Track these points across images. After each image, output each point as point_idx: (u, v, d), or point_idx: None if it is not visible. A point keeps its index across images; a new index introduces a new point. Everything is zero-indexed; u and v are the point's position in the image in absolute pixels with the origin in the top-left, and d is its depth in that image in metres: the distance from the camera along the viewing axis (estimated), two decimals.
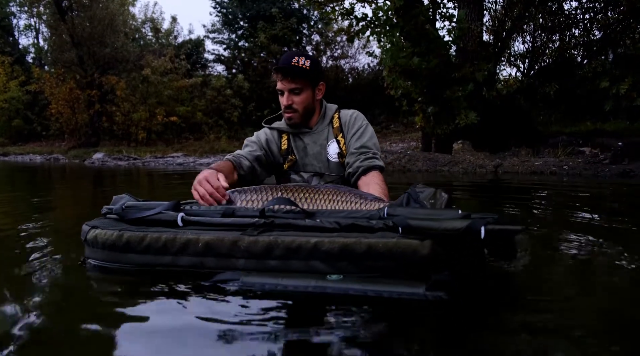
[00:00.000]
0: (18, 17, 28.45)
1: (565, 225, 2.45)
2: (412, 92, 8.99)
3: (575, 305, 1.27)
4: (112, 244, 1.41)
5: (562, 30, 10.94)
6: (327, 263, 1.28)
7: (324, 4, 9.84)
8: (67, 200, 4.23)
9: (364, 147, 2.05)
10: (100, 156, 14.28)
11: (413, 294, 1.17)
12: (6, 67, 23.70)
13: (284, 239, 1.31)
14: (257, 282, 1.27)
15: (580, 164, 7.07)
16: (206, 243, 1.34)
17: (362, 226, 1.35)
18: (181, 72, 20.28)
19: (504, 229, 1.24)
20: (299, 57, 1.98)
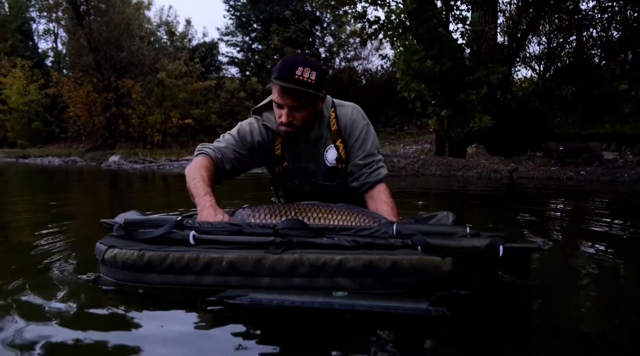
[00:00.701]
0: (37, 22, 29.20)
1: (582, 236, 2.40)
2: (426, 95, 8.93)
3: (589, 317, 1.25)
4: (132, 265, 1.40)
5: (579, 30, 10.76)
6: (352, 279, 1.30)
7: (337, 7, 9.84)
8: (83, 206, 4.29)
9: (368, 155, 1.96)
10: (116, 158, 14.49)
11: (417, 310, 1.19)
12: (26, 71, 24.27)
13: (309, 256, 1.31)
14: (265, 298, 1.27)
15: (599, 169, 6.93)
16: (230, 262, 1.34)
17: (381, 244, 1.37)
18: (195, 75, 20.47)
19: (521, 247, 1.30)
20: (303, 69, 1.71)
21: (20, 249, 2.08)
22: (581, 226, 2.82)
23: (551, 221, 3.12)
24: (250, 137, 1.94)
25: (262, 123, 1.95)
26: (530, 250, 1.35)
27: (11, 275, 1.64)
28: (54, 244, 2.11)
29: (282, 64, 1.75)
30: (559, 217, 3.40)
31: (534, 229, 2.63)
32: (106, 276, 1.50)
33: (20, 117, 24.50)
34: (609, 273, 1.76)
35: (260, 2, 20.92)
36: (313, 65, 1.75)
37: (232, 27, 22.77)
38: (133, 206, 2.14)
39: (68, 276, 1.62)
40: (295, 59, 1.75)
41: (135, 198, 5.13)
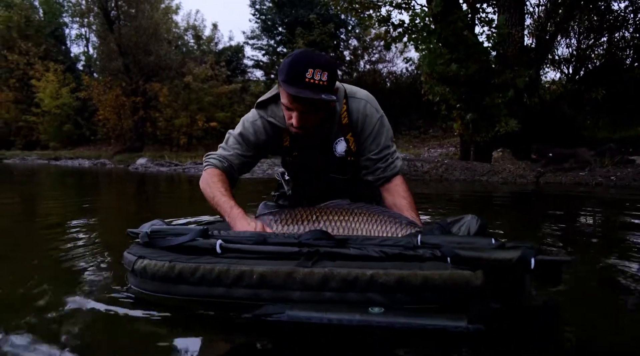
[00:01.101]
0: (70, 27, 30.17)
1: (609, 246, 2.35)
2: (450, 98, 8.84)
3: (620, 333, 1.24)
4: (163, 276, 1.41)
5: (610, 31, 10.47)
6: (384, 295, 1.29)
7: (361, 10, 9.85)
8: (110, 210, 4.42)
9: (382, 149, 1.92)
10: (144, 161, 14.82)
11: (456, 328, 1.18)
12: (58, 75, 25.06)
13: (340, 271, 1.31)
14: (302, 315, 1.25)
15: (630, 174, 6.73)
16: (261, 275, 1.34)
17: (410, 256, 1.37)
18: (221, 79, 20.79)
19: (553, 260, 1.30)
20: (313, 71, 1.58)
21: (51, 254, 2.14)
22: (609, 235, 2.76)
23: (577, 230, 3.06)
24: (254, 137, 1.88)
25: (267, 119, 1.86)
26: (562, 263, 1.33)
27: (39, 282, 1.68)
28: (82, 251, 2.17)
29: (289, 66, 1.61)
30: (585, 225, 3.33)
31: (558, 238, 2.60)
32: (135, 286, 1.52)
33: (53, 120, 25.30)
34: (636, 284, 1.73)
35: (286, 5, 21.10)
36: (324, 64, 1.62)
37: (258, 31, 23.03)
38: (159, 212, 2.20)
39: (97, 286, 1.64)
40: (304, 59, 1.61)
41: (162, 203, 5.25)
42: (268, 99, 1.85)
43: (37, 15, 28.59)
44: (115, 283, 1.65)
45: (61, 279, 1.74)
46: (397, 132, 16.65)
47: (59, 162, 18.31)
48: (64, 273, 1.83)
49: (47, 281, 1.70)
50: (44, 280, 1.72)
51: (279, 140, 1.90)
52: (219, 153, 1.92)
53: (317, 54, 1.65)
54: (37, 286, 1.64)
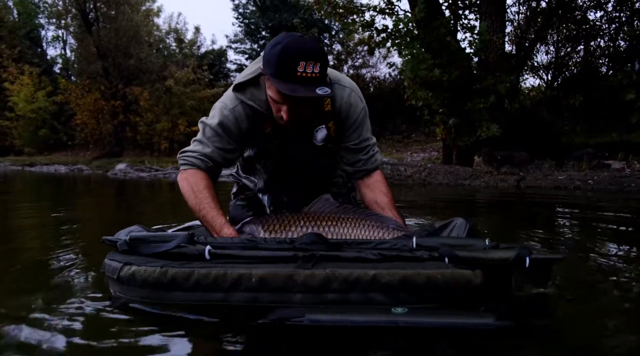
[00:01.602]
0: (46, 29, 29.51)
1: (591, 248, 2.38)
2: (433, 103, 8.94)
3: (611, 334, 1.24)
4: (154, 282, 1.34)
5: (586, 40, 10.76)
6: (387, 295, 1.29)
7: (345, 15, 9.89)
8: (89, 218, 4.31)
9: (363, 140, 1.87)
10: (123, 167, 14.54)
11: (484, 325, 1.18)
12: (34, 78, 24.42)
13: (342, 271, 1.29)
14: (324, 319, 1.21)
15: (606, 178, 6.89)
16: (260, 278, 1.30)
17: (408, 257, 1.37)
18: (204, 83, 20.62)
19: (546, 258, 1.37)
20: (306, 63, 1.46)
21: (27, 264, 2.05)
22: (588, 237, 2.81)
23: (559, 230, 3.10)
24: (235, 127, 1.71)
25: (247, 103, 1.70)
26: (554, 261, 1.40)
27: (17, 292, 1.61)
28: (59, 260, 2.07)
29: (279, 58, 1.47)
30: (567, 227, 3.38)
31: (543, 240, 2.62)
32: (121, 294, 1.44)
33: (28, 125, 24.61)
34: (619, 283, 1.75)
35: (269, 10, 21.11)
36: (315, 53, 1.49)
37: (241, 35, 22.97)
38: (137, 218, 2.11)
39: (79, 296, 1.55)
40: (295, 50, 1.47)
41: (141, 209, 5.14)
42: (247, 81, 1.69)
43: (10, 16, 27.83)
44: (97, 292, 1.57)
45: (38, 289, 1.64)
46: (381, 136, 16.75)
47: (34, 168, 17.81)
48: (40, 283, 1.73)
49: (24, 292, 1.61)
50: (20, 290, 1.63)
51: (259, 128, 1.76)
52: (198, 150, 1.72)
53: (307, 41, 1.51)
54: (13, 296, 1.56)
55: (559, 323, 1.37)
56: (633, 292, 1.67)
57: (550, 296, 1.54)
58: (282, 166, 1.96)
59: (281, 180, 2.01)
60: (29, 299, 1.51)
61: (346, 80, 1.84)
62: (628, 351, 1.17)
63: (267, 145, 1.86)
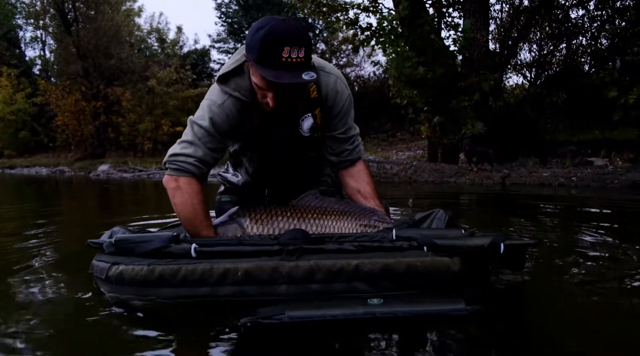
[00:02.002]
0: (24, 30, 28.85)
1: (572, 242, 2.37)
2: (418, 101, 8.92)
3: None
4: (142, 280, 1.37)
5: (569, 38, 10.86)
6: (369, 283, 1.34)
7: (329, 13, 9.82)
8: (71, 219, 4.17)
9: (348, 129, 1.84)
10: (106, 168, 14.29)
11: (455, 311, 1.22)
12: (12, 80, 23.92)
13: (325, 262, 1.34)
14: (304, 314, 1.23)
15: (589, 175, 6.94)
16: (246, 271, 1.34)
17: (388, 247, 1.41)
18: (187, 83, 20.38)
19: (518, 244, 1.44)
20: (290, 48, 1.40)
21: (9, 266, 1.97)
22: (571, 233, 2.78)
23: (542, 225, 3.08)
24: (227, 123, 1.65)
25: (233, 96, 1.64)
26: (526, 246, 1.49)
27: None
28: (43, 262, 2.02)
29: (262, 43, 1.41)
30: (550, 224, 3.36)
31: (522, 230, 2.61)
32: (110, 293, 1.46)
33: (7, 127, 24.11)
34: (601, 274, 1.76)
35: (252, 9, 20.96)
36: (300, 38, 1.44)
37: (224, 34, 22.79)
38: (121, 218, 2.09)
39: (67, 297, 1.55)
40: (279, 35, 1.41)
41: (122, 209, 5.02)
42: (231, 71, 1.64)
43: None
44: (84, 293, 1.55)
45: (27, 292, 1.60)
46: (366, 135, 16.73)
47: (14, 170, 17.44)
48: (28, 286, 1.68)
49: (11, 295, 1.56)
50: (5, 294, 1.59)
51: (248, 120, 1.71)
52: (191, 153, 1.61)
53: (291, 25, 1.45)
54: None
55: (527, 309, 1.43)
56: (608, 278, 1.72)
57: (523, 282, 1.62)
58: (269, 159, 1.95)
59: (268, 174, 2.00)
60: (14, 303, 1.48)
61: (330, 67, 1.80)
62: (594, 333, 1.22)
63: (254, 136, 1.84)
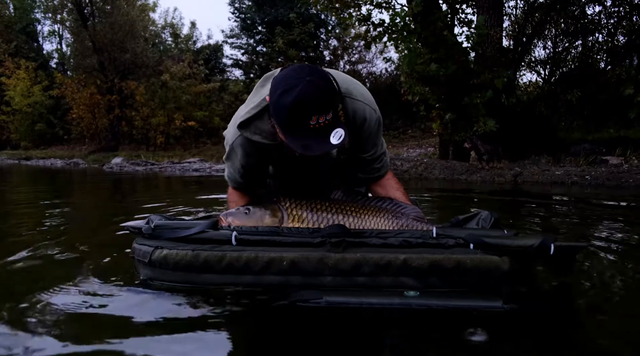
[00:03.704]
0: (42, 24, 29.28)
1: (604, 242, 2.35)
2: (430, 98, 8.87)
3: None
4: (187, 265, 1.38)
5: (584, 35, 10.68)
6: (416, 278, 1.34)
7: (341, 9, 9.81)
8: (94, 209, 4.25)
9: (376, 150, 1.83)
10: (119, 161, 14.47)
11: (491, 307, 1.22)
12: (30, 73, 24.31)
13: (373, 256, 1.34)
14: (341, 301, 1.25)
15: (604, 174, 6.85)
16: (292, 261, 1.34)
17: (433, 244, 1.39)
18: (199, 77, 20.50)
19: (570, 245, 1.42)
20: (318, 116, 1.35)
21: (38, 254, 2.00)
22: (584, 229, 2.77)
23: (556, 224, 3.06)
24: (255, 162, 1.73)
25: (252, 140, 1.62)
26: (578, 249, 1.47)
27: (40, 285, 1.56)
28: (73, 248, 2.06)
29: (290, 111, 1.36)
30: (565, 224, 3.34)
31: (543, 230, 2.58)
32: (152, 278, 1.48)
33: (24, 119, 24.56)
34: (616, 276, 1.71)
35: (265, 4, 20.95)
36: (326, 102, 1.38)
37: (237, 30, 22.81)
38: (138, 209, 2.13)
39: (105, 284, 1.55)
40: (306, 103, 1.35)
41: (140, 201, 5.09)
42: (251, 118, 1.60)
43: (7, 11, 27.66)
44: (123, 279, 1.57)
45: (62, 280, 1.61)
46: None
47: (30, 162, 17.75)
48: (62, 274, 1.70)
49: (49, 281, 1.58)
50: (41, 278, 1.64)
51: (265, 154, 1.71)
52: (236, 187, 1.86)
53: (318, 88, 1.38)
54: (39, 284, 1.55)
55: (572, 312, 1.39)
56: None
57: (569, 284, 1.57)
58: (292, 178, 1.92)
59: (291, 190, 1.96)
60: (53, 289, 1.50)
61: (358, 91, 1.70)
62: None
63: (276, 166, 1.86)
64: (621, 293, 1.55)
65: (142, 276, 1.51)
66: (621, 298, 1.50)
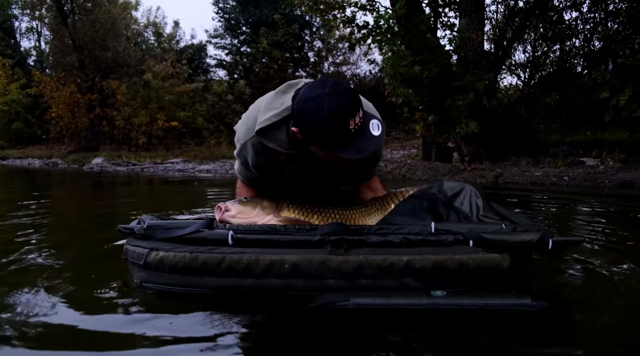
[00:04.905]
0: (20, 20, 28.58)
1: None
2: (413, 100, 8.99)
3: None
4: (185, 267, 1.33)
5: (562, 40, 10.97)
6: (420, 280, 1.31)
7: (326, 11, 9.86)
8: (76, 210, 4.20)
9: (374, 163, 1.93)
10: (99, 161, 14.25)
11: (521, 305, 1.21)
12: (7, 70, 23.70)
13: (375, 258, 1.32)
14: (368, 302, 1.23)
15: (581, 175, 7.05)
16: (293, 264, 1.31)
17: (433, 241, 1.40)
18: (183, 77, 20.31)
19: (567, 240, 1.44)
20: (353, 118, 1.41)
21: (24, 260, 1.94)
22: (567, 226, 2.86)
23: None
24: (264, 162, 1.76)
25: (270, 144, 1.64)
26: (575, 243, 1.50)
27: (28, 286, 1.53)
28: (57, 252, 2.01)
29: (330, 126, 1.39)
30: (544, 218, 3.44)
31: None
32: (147, 282, 1.41)
33: (0, 118, 23.93)
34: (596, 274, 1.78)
35: (250, 5, 20.91)
36: (355, 102, 1.43)
37: (221, 30, 22.71)
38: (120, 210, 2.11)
39: (98, 289, 1.49)
40: (342, 112, 1.40)
41: (121, 202, 5.05)
42: (270, 126, 1.60)
43: None
44: (114, 283, 1.52)
45: (53, 285, 1.56)
46: None
47: (6, 161, 17.33)
48: (51, 278, 1.65)
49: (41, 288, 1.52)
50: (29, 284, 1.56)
51: (275, 157, 1.74)
52: (245, 181, 1.94)
53: (345, 93, 1.42)
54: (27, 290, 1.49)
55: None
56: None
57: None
58: (296, 189, 1.94)
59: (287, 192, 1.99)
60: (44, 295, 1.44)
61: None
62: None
63: (279, 171, 1.84)
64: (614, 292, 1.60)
65: (136, 279, 1.46)
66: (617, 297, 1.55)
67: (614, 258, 1.97)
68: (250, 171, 1.83)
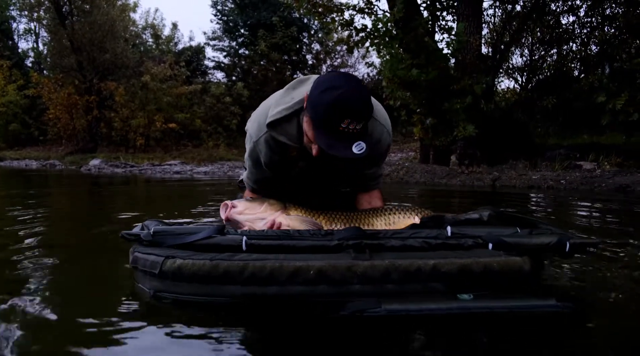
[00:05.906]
0: (18, 21, 28.56)
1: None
2: (411, 103, 9.01)
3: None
4: (205, 276, 1.28)
5: (559, 44, 11.02)
6: (446, 284, 1.31)
7: (324, 14, 9.88)
8: (77, 214, 4.19)
9: (376, 170, 1.93)
10: (97, 162, 14.23)
11: (548, 307, 1.23)
12: (4, 71, 23.64)
13: (402, 262, 1.31)
14: (400, 308, 1.22)
15: (578, 178, 7.07)
16: (318, 270, 1.27)
17: (453, 245, 1.39)
18: (181, 79, 20.30)
19: (584, 242, 1.46)
20: (350, 121, 1.43)
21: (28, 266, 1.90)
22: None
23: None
24: (277, 160, 1.78)
25: (278, 139, 1.69)
26: (592, 245, 1.48)
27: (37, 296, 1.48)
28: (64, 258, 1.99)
29: (327, 109, 1.43)
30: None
31: None
32: (162, 291, 1.35)
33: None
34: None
35: (248, 7, 20.94)
36: (362, 111, 1.46)
37: (219, 32, 22.74)
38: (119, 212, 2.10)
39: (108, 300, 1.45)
40: (345, 105, 1.42)
41: (119, 204, 5.04)
42: (281, 119, 1.66)
43: None
44: (112, 283, 1.51)
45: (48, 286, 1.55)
46: None
47: (3, 163, 17.27)
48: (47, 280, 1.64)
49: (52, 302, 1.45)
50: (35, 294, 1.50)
51: (287, 153, 1.76)
52: (250, 186, 1.93)
53: (360, 96, 1.45)
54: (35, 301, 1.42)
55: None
56: None
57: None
58: (303, 187, 1.95)
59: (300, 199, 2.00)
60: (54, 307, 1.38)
61: (380, 113, 1.79)
62: None
63: (290, 168, 1.85)
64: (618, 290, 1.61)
65: (149, 288, 1.38)
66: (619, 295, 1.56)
67: (614, 259, 1.98)
68: (261, 171, 1.82)
